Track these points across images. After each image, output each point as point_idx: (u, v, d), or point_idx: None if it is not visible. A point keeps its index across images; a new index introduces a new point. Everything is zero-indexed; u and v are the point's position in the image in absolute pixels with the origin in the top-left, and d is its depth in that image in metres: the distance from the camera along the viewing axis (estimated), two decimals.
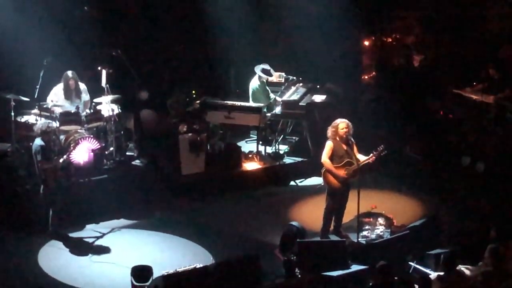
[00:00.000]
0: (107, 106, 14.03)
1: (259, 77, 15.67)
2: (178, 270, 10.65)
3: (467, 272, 9.92)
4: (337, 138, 11.94)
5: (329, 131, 12.02)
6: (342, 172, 11.91)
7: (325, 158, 11.96)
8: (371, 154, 12.00)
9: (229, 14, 16.87)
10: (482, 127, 15.33)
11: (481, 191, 14.14)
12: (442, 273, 9.75)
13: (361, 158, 11.98)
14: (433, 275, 10.01)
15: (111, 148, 14.09)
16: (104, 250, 12.15)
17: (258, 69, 15.66)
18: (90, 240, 12.47)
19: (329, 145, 11.96)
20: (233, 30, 17.00)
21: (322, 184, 12.27)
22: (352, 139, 11.99)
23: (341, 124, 11.96)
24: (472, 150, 15.05)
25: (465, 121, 15.66)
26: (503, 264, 9.72)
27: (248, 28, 17.18)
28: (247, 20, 17.21)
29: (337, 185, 11.97)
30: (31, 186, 13.00)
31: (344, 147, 11.95)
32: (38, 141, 12.23)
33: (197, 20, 17.14)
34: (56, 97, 13.88)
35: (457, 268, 9.87)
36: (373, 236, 12.09)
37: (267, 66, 15.75)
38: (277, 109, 15.53)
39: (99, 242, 12.41)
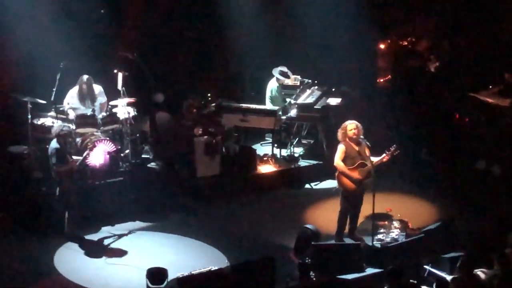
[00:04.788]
0: (123, 108, 14.08)
1: (277, 79, 15.70)
2: (193, 272, 10.66)
3: (483, 276, 9.88)
4: (347, 140, 11.95)
5: (339, 133, 12.05)
6: (356, 174, 11.90)
7: (337, 161, 11.96)
8: (384, 154, 12.01)
9: (245, 16, 16.89)
10: (498, 131, 15.26)
11: (497, 194, 14.09)
12: (457, 277, 9.72)
13: (374, 159, 11.99)
14: (448, 278, 9.99)
15: (127, 151, 14.13)
16: (120, 252, 12.19)
17: (276, 71, 15.70)
18: (106, 242, 12.52)
19: (341, 148, 11.97)
20: (249, 33, 17.01)
21: (337, 187, 12.26)
22: (367, 142, 11.98)
23: (350, 125, 11.97)
24: (488, 154, 14.99)
25: (480, 124, 15.59)
26: None
27: (264, 31, 17.18)
28: (263, 23, 17.21)
29: (352, 187, 11.96)
30: (47, 188, 13.07)
31: (356, 148, 11.95)
32: (53, 144, 12.29)
33: (213, 23, 17.17)
34: (72, 100, 13.97)
35: (473, 271, 9.84)
36: (388, 240, 12.05)
37: (284, 69, 15.81)
38: (292, 112, 15.54)
39: (114, 244, 12.46)
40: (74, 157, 12.53)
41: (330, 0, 16.60)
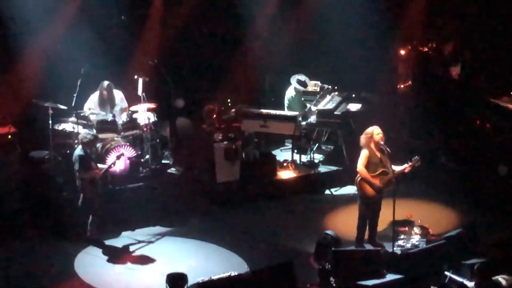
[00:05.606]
0: (143, 114, 14.14)
1: (294, 87, 15.70)
2: (212, 277, 10.66)
3: (504, 282, 9.82)
4: (371, 146, 11.91)
5: (363, 139, 11.99)
6: (377, 181, 11.87)
7: (360, 166, 11.93)
8: (406, 165, 11.98)
9: (265, 22, 16.91)
10: None
11: None
12: (477, 283, 9.66)
13: (396, 168, 11.95)
14: (469, 285, 9.93)
15: (147, 156, 14.18)
16: (140, 257, 12.23)
17: (293, 79, 15.72)
18: (126, 247, 12.55)
19: (364, 153, 11.94)
20: (269, 39, 17.02)
21: (356, 192, 12.24)
22: (387, 148, 11.94)
23: (376, 129, 11.94)
24: (510, 160, 14.90)
25: (502, 130, 15.51)
26: None
27: (284, 37, 17.19)
28: (284, 28, 17.21)
29: (371, 193, 11.93)
30: (68, 193, 13.14)
31: (378, 155, 11.92)
32: (78, 151, 12.37)
33: (233, 29, 17.20)
34: (93, 105, 14.05)
35: (494, 278, 9.78)
36: (409, 245, 12.03)
37: (302, 77, 15.79)
38: (312, 118, 15.53)
39: (134, 249, 12.50)
40: (99, 165, 12.58)
41: (350, 5, 16.58)
